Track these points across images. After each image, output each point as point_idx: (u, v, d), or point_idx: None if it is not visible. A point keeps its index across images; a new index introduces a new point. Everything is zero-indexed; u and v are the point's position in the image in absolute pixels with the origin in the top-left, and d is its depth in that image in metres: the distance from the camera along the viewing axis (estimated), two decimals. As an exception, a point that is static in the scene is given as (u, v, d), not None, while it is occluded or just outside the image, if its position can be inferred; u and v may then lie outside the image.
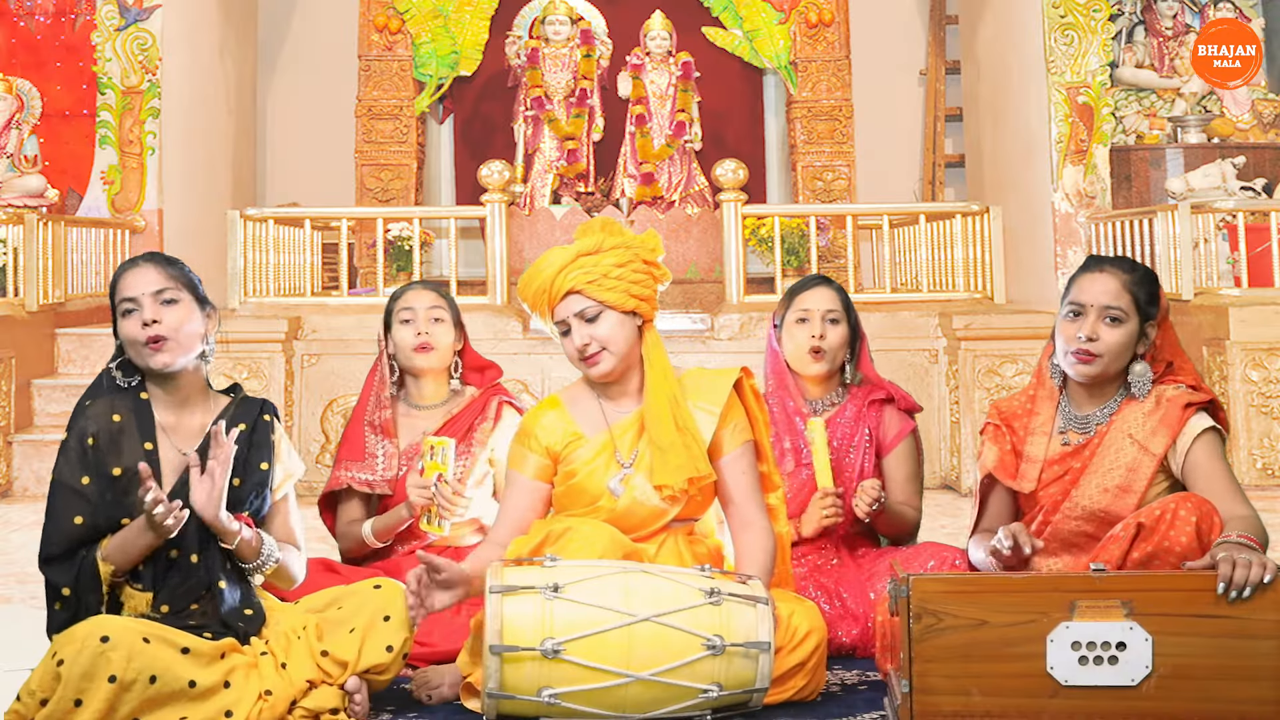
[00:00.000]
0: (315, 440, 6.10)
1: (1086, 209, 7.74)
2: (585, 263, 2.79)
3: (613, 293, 2.78)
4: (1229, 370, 5.82)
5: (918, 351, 6.25)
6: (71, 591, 2.57)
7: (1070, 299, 2.81)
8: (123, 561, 2.57)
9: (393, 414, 3.47)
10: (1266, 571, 2.36)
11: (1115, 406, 2.82)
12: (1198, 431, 2.74)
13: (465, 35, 9.12)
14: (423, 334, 3.44)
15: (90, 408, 2.65)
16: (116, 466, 2.61)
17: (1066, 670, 2.40)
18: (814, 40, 9.05)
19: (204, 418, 2.71)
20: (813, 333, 3.39)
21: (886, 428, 3.45)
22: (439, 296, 3.52)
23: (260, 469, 2.71)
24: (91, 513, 2.58)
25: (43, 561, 2.61)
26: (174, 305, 2.65)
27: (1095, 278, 2.80)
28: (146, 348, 2.62)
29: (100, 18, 7.86)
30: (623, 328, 2.82)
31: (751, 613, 2.57)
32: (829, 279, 3.55)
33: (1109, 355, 2.77)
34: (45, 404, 6.35)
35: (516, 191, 8.45)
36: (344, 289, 7.26)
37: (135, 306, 2.64)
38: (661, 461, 2.78)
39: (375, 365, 3.52)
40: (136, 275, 2.67)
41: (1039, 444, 2.87)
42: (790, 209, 7.91)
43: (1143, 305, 2.79)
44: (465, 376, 3.55)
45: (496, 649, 2.48)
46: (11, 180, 7.83)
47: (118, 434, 2.62)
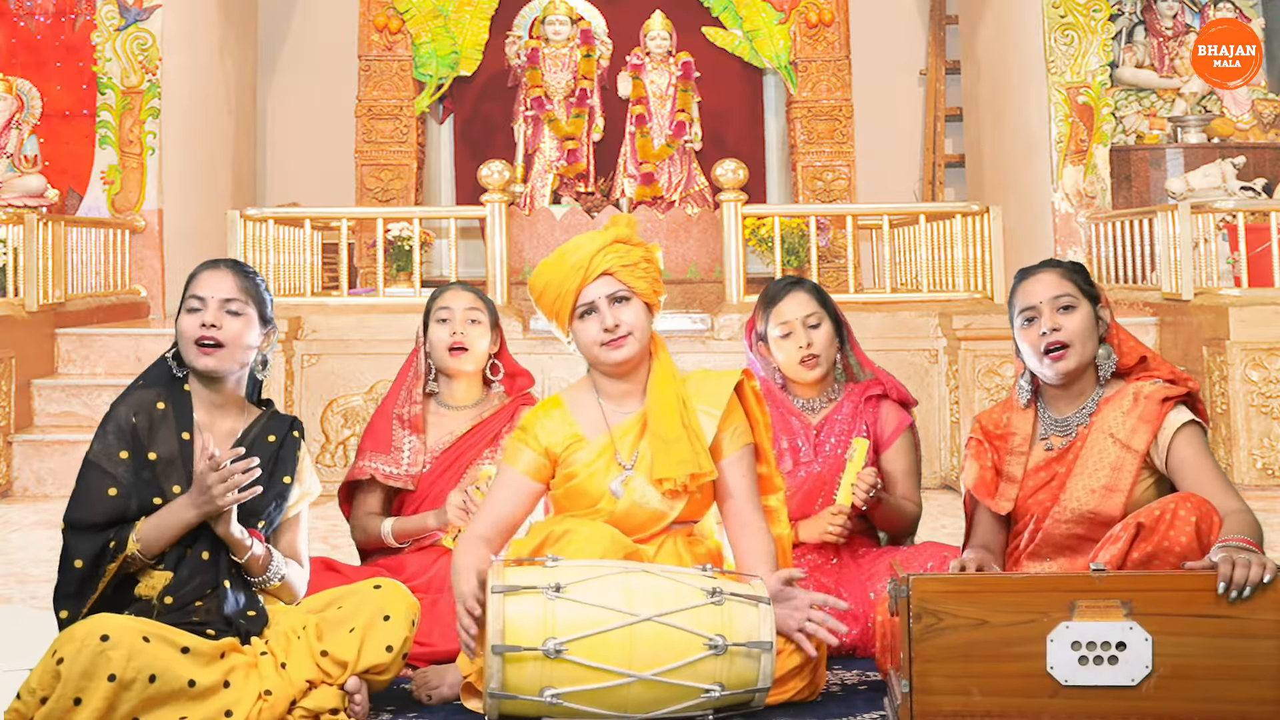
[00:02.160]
0: (315, 440, 6.10)
1: (1086, 209, 7.75)
2: (620, 248, 2.84)
3: (642, 281, 2.83)
4: (1229, 370, 5.82)
5: (918, 351, 6.25)
6: (84, 566, 2.57)
7: (1019, 309, 2.85)
8: (156, 541, 2.58)
9: (423, 410, 3.46)
10: (1266, 571, 2.37)
11: (1093, 407, 2.83)
12: (1178, 425, 2.75)
13: (465, 35, 9.13)
14: (457, 334, 3.42)
15: (139, 390, 2.71)
16: (153, 451, 2.65)
17: (1066, 670, 2.40)
18: (814, 40, 9.06)
19: (235, 424, 2.76)
20: (799, 344, 3.38)
21: (884, 423, 3.44)
22: (477, 298, 3.51)
23: (283, 482, 2.75)
24: (123, 489, 2.61)
25: (71, 525, 2.60)
26: (237, 317, 2.71)
27: (1033, 280, 2.86)
28: (196, 347, 2.67)
29: (100, 18, 7.87)
30: (645, 319, 2.86)
31: (754, 612, 2.57)
32: (799, 279, 3.52)
33: (1078, 340, 2.79)
34: (45, 404, 6.35)
35: (516, 191, 8.45)
36: (344, 289, 7.26)
37: (201, 306, 2.69)
38: (664, 454, 2.78)
39: (410, 359, 3.52)
40: (213, 277, 2.73)
41: (1017, 464, 2.88)
42: (790, 209, 7.91)
43: (1085, 288, 2.85)
44: (502, 381, 3.54)
45: (499, 649, 2.48)
46: (11, 180, 7.84)
47: (159, 420, 2.68)
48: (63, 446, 6.07)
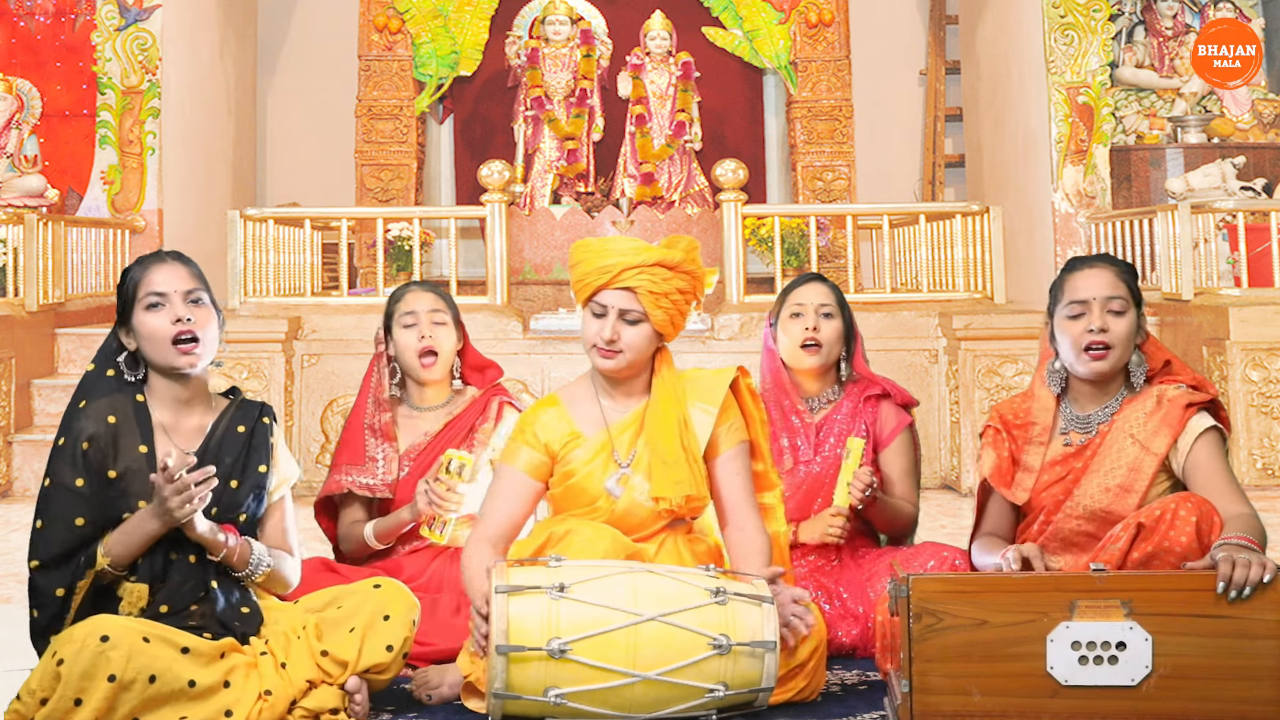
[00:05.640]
0: (315, 440, 6.10)
1: (1086, 209, 7.74)
2: (660, 273, 2.81)
3: (661, 311, 2.81)
4: (1229, 370, 5.82)
5: (918, 351, 6.25)
6: (65, 592, 2.53)
7: (1069, 299, 2.81)
8: (124, 554, 2.54)
9: (393, 416, 3.43)
10: (1266, 571, 2.37)
11: (1116, 406, 2.83)
12: (1199, 431, 2.74)
13: (465, 35, 9.13)
14: (426, 338, 3.38)
15: (86, 409, 2.60)
16: (113, 469, 2.58)
17: (1066, 670, 2.40)
18: (814, 40, 9.06)
19: (203, 419, 2.69)
20: (806, 325, 3.40)
21: (883, 423, 3.44)
22: (439, 298, 3.47)
23: (259, 471, 2.69)
24: (90, 513, 2.55)
25: (37, 566, 2.54)
26: (200, 306, 2.63)
27: (1090, 273, 2.82)
28: (176, 347, 2.59)
29: (100, 18, 7.86)
30: (649, 342, 2.85)
31: (757, 612, 2.57)
32: (823, 276, 3.55)
33: (1120, 346, 2.78)
34: (45, 404, 6.35)
35: (516, 191, 8.45)
36: (344, 289, 7.26)
37: (164, 301, 2.60)
38: (662, 474, 2.78)
39: (371, 367, 3.47)
40: (167, 271, 2.63)
41: (1036, 454, 2.87)
42: (790, 209, 7.91)
43: (1136, 294, 2.83)
44: (465, 376, 3.51)
45: (503, 649, 2.47)
46: (11, 180, 7.83)
47: (115, 436, 2.59)
48: (63, 446, 6.06)
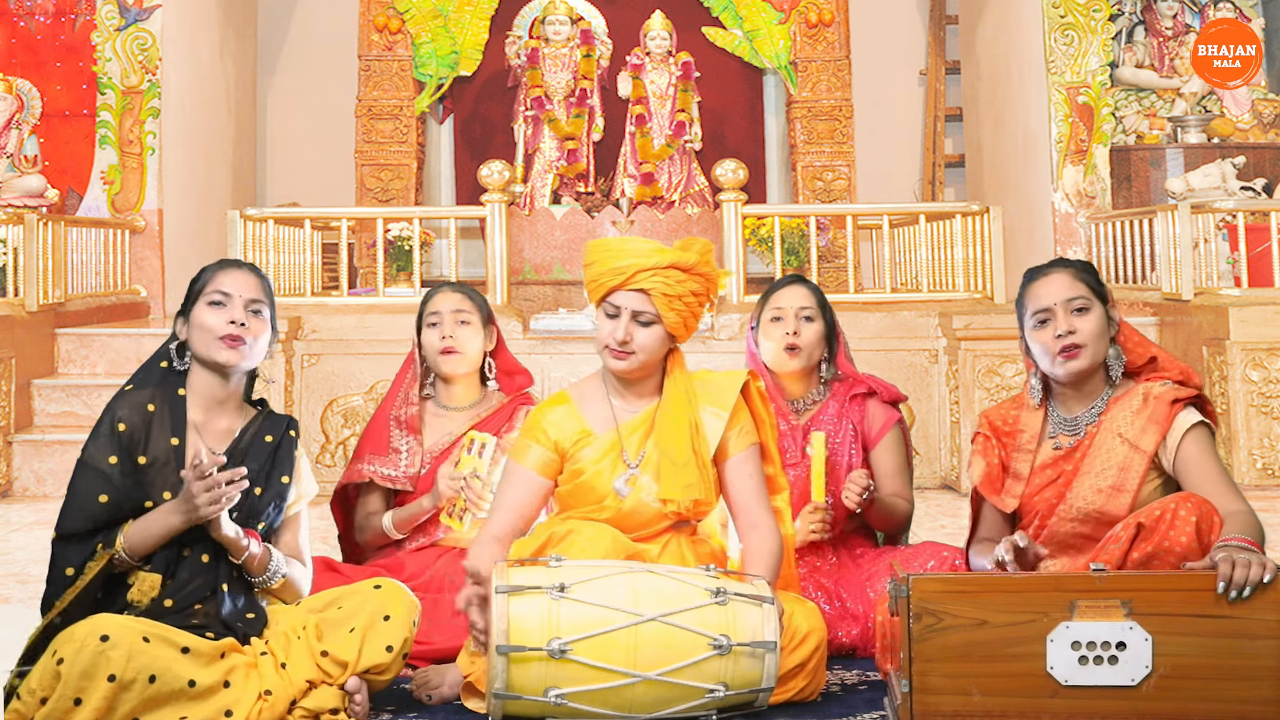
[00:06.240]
0: (315, 440, 6.10)
1: (1086, 209, 7.75)
2: (674, 275, 2.79)
3: (674, 314, 2.79)
4: (1229, 370, 5.82)
5: (918, 351, 6.25)
6: (75, 572, 2.57)
7: (1032, 310, 2.84)
8: (140, 545, 2.58)
9: (420, 411, 3.47)
10: (1266, 571, 2.37)
11: (1103, 406, 2.83)
12: (1186, 427, 2.74)
13: (465, 35, 9.13)
14: (447, 338, 3.41)
15: (130, 394, 2.70)
16: (143, 455, 2.64)
17: (1066, 670, 2.40)
18: (814, 40, 9.06)
19: (232, 423, 2.75)
20: (787, 330, 3.39)
21: (871, 421, 3.44)
22: (465, 299, 3.49)
23: (281, 482, 2.75)
24: (115, 493, 2.60)
25: (58, 536, 2.62)
26: (259, 318, 2.73)
27: (1047, 280, 2.84)
28: (221, 341, 2.68)
29: (100, 18, 7.86)
30: (661, 344, 2.84)
31: (757, 612, 2.57)
32: (803, 278, 3.54)
33: (1092, 342, 2.79)
34: (45, 404, 6.35)
35: (516, 191, 8.45)
36: (344, 289, 7.25)
37: (227, 301, 2.70)
38: (672, 476, 2.79)
39: (407, 362, 3.52)
40: (239, 276, 2.74)
41: (1024, 461, 2.88)
42: (790, 209, 7.91)
43: (1097, 290, 2.84)
44: (499, 379, 3.53)
45: (503, 649, 2.47)
46: (11, 180, 7.83)
47: (149, 424, 2.66)
48: (63, 446, 6.06)
